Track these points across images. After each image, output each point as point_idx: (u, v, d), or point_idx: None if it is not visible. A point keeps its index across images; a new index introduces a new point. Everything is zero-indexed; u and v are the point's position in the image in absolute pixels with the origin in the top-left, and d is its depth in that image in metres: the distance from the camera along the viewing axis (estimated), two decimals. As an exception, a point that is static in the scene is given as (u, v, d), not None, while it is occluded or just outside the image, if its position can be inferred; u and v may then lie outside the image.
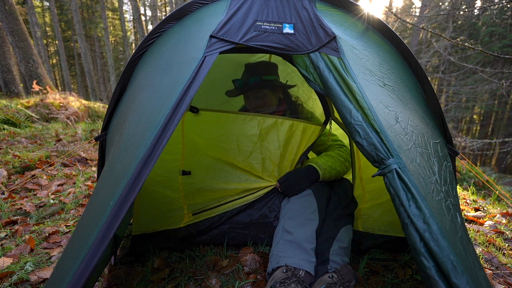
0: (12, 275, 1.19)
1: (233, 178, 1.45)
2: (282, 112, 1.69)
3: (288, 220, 1.25)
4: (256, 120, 1.41)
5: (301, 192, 1.34)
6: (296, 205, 1.30)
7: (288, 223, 1.24)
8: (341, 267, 1.10)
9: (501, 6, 9.61)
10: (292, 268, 1.07)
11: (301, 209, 1.27)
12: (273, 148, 1.40)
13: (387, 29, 1.13)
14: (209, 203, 1.44)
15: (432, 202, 0.73)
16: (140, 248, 1.37)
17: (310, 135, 1.44)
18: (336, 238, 1.20)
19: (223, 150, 1.42)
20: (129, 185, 0.68)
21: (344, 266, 1.10)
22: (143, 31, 14.07)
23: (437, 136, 1.03)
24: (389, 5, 16.54)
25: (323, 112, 1.52)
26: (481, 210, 2.04)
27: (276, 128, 1.41)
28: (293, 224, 1.22)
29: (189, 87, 0.81)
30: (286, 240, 1.18)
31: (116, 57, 24.38)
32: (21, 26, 6.48)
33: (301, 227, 1.20)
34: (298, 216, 1.24)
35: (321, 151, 1.66)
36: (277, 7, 0.99)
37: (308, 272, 1.08)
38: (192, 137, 1.43)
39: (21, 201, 1.99)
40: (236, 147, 1.42)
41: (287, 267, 1.07)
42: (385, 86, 0.98)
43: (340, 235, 1.21)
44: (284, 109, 1.70)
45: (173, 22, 1.12)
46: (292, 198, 1.34)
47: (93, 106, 6.30)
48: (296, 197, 1.34)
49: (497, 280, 1.22)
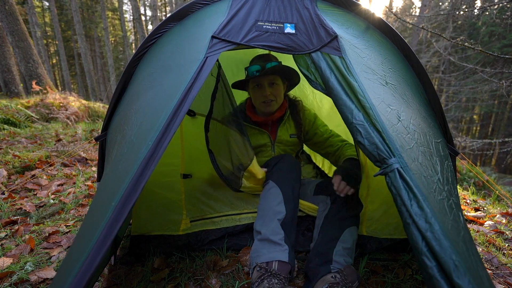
0: (12, 275, 1.19)
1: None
2: (283, 112, 1.68)
3: (258, 220, 1.28)
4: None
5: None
6: (263, 202, 1.32)
7: (257, 223, 1.27)
8: (344, 267, 1.10)
9: (501, 6, 9.61)
10: (264, 264, 1.09)
11: (268, 204, 1.28)
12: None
13: (388, 28, 1.13)
14: (209, 212, 1.43)
15: (434, 201, 0.73)
16: (138, 250, 1.37)
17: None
18: (340, 239, 1.20)
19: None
20: (131, 186, 0.68)
21: (347, 266, 1.10)
22: (143, 31, 14.06)
23: (438, 136, 1.03)
24: (389, 5, 16.54)
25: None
26: (481, 210, 2.04)
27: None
28: (260, 222, 1.25)
29: (191, 88, 0.81)
30: (256, 241, 1.21)
31: (116, 57, 24.38)
32: (21, 26, 6.47)
33: (267, 223, 1.22)
34: (265, 213, 1.26)
35: (330, 152, 1.67)
36: (278, 7, 0.99)
37: (281, 261, 1.10)
38: (190, 141, 1.42)
39: (21, 201, 1.99)
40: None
41: (259, 265, 1.09)
42: (387, 84, 0.97)
43: (344, 236, 1.21)
44: (285, 108, 1.69)
45: (174, 23, 1.12)
46: (261, 195, 1.36)
47: (93, 106, 6.30)
48: (262, 194, 1.35)
49: (497, 280, 1.22)
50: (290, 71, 1.60)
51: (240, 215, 1.43)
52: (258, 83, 1.58)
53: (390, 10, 6.66)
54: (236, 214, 1.43)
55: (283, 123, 1.69)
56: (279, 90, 1.59)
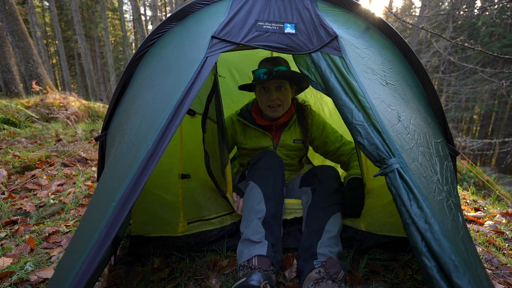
0: (12, 275, 1.19)
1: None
2: (289, 117, 1.66)
3: (242, 222, 1.28)
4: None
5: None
6: (246, 203, 1.32)
7: (242, 225, 1.27)
8: (327, 259, 1.10)
9: (501, 6, 9.61)
10: (246, 262, 1.10)
11: (249, 205, 1.29)
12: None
13: (388, 28, 1.13)
14: (206, 213, 1.42)
15: (433, 202, 0.73)
16: (138, 250, 1.36)
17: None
18: (325, 229, 1.20)
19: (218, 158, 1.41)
20: (131, 186, 0.68)
21: (329, 258, 1.10)
22: (143, 31, 14.06)
23: (439, 136, 1.03)
24: (389, 5, 16.55)
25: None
26: (481, 210, 2.04)
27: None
28: (244, 224, 1.25)
29: (191, 88, 0.81)
30: (240, 242, 1.22)
31: (116, 57, 24.38)
32: (21, 26, 6.47)
33: (248, 224, 1.22)
34: (248, 214, 1.26)
35: (342, 161, 1.67)
36: (278, 7, 0.99)
37: (260, 255, 1.10)
38: (189, 140, 1.41)
39: (21, 201, 1.99)
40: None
41: (241, 264, 1.11)
42: (387, 84, 0.98)
43: (328, 226, 1.21)
44: (292, 113, 1.67)
45: (174, 23, 1.12)
46: (244, 197, 1.36)
47: (93, 106, 6.30)
48: (245, 195, 1.35)
49: (497, 280, 1.22)
50: (300, 77, 1.57)
51: (238, 214, 1.43)
52: (265, 86, 1.56)
53: (390, 10, 6.66)
54: (234, 213, 1.43)
55: (288, 128, 1.67)
56: (287, 95, 1.57)
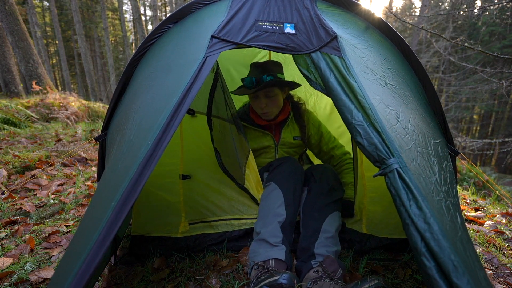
0: (12, 275, 1.19)
1: (230, 188, 1.43)
2: (286, 115, 1.67)
3: (258, 221, 1.28)
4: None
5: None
6: (264, 203, 1.32)
7: (257, 224, 1.27)
8: (324, 259, 1.10)
9: (501, 6, 9.60)
10: (262, 262, 1.10)
11: (269, 206, 1.28)
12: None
13: (388, 28, 1.13)
14: (207, 215, 1.42)
15: (432, 202, 0.73)
16: (138, 250, 1.36)
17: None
18: (322, 229, 1.20)
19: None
20: (131, 186, 0.68)
21: (326, 257, 1.10)
22: (143, 31, 14.06)
23: (438, 136, 1.03)
24: (389, 5, 16.54)
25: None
26: (481, 210, 2.04)
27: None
28: (260, 224, 1.25)
29: (190, 88, 0.81)
30: (255, 241, 1.22)
31: (116, 57, 24.37)
32: (21, 26, 6.47)
33: (267, 225, 1.22)
34: (266, 214, 1.26)
35: (333, 164, 1.71)
36: (278, 7, 0.99)
37: (278, 259, 1.11)
38: (190, 140, 1.41)
39: (21, 201, 1.99)
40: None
41: (256, 263, 1.10)
42: (387, 85, 0.98)
43: (325, 226, 1.21)
44: (288, 111, 1.68)
45: (174, 23, 1.12)
46: (262, 196, 1.37)
47: (93, 106, 6.29)
48: (264, 195, 1.35)
49: (497, 280, 1.22)
50: (287, 84, 1.59)
51: (239, 220, 1.42)
52: (254, 94, 1.58)
53: (389, 10, 6.65)
54: (236, 219, 1.42)
55: (286, 125, 1.68)
56: (276, 100, 1.58)
